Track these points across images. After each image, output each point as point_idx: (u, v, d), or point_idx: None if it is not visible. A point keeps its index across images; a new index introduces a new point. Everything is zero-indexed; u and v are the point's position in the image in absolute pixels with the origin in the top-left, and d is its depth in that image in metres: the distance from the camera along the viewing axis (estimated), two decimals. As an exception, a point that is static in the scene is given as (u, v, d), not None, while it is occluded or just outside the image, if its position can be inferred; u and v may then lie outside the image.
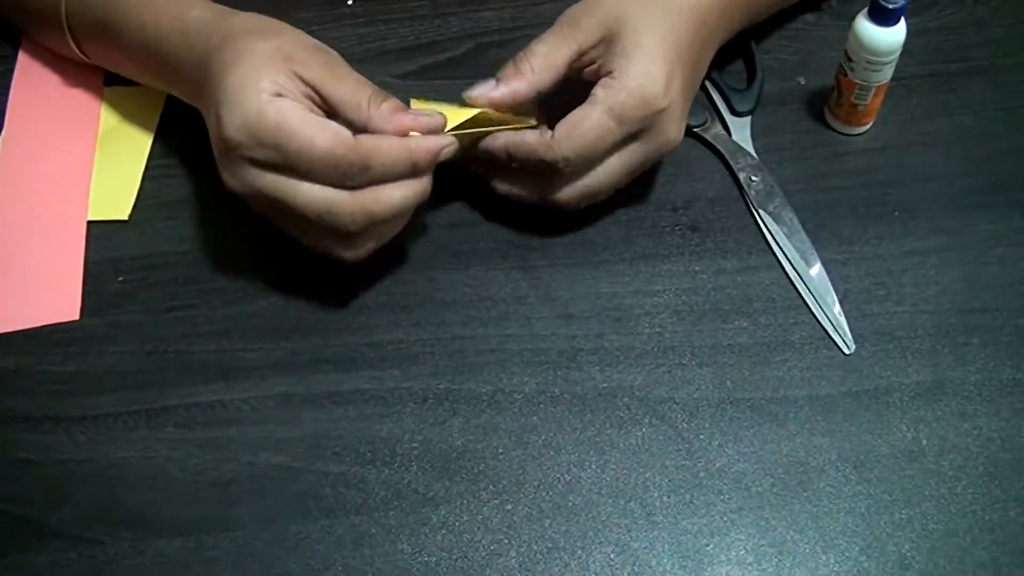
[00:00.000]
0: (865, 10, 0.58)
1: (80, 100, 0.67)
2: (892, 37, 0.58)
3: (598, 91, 0.54)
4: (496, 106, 0.55)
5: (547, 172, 0.55)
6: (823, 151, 0.63)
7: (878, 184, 0.62)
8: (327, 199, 0.51)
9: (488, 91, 0.55)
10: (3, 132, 0.66)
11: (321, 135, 0.50)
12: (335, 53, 0.55)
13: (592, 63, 0.55)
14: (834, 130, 0.64)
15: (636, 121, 0.54)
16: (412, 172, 0.52)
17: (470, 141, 0.56)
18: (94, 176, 0.64)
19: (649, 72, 0.53)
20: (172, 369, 0.57)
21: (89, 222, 0.62)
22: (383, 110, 0.52)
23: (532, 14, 0.70)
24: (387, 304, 0.58)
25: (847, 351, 0.56)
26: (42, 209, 0.63)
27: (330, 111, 0.52)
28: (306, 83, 0.52)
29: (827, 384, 0.55)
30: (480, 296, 0.58)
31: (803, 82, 0.66)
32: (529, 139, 0.55)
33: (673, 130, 0.55)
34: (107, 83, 0.67)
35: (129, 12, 0.58)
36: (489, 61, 0.68)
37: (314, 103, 0.52)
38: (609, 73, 0.54)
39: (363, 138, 0.50)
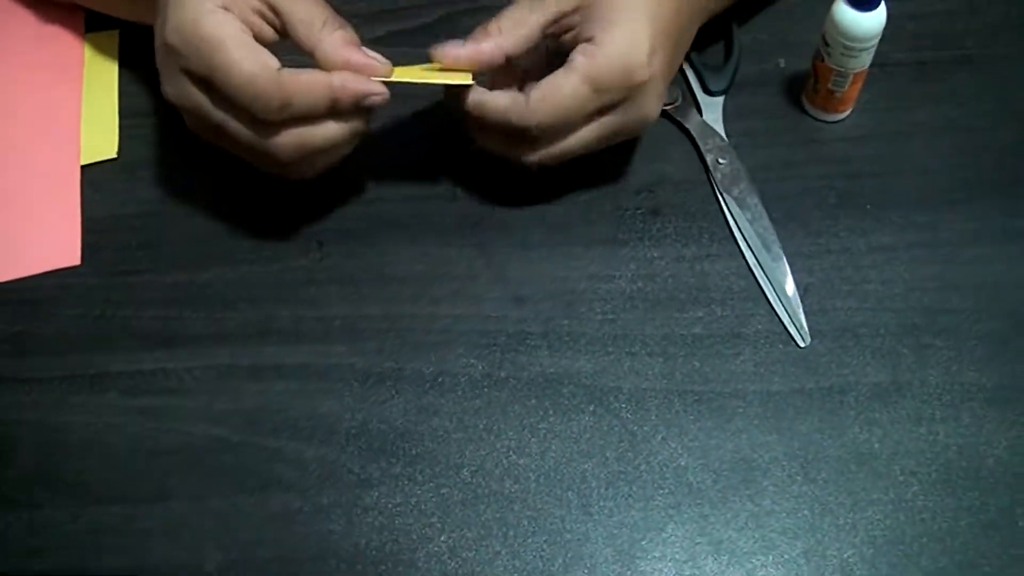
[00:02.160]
0: (843, -7, 0.55)
1: (62, 44, 0.67)
2: (870, 22, 0.55)
3: (576, 57, 0.51)
4: (460, 65, 0.52)
5: (519, 134, 0.53)
6: (797, 137, 0.61)
7: (852, 174, 0.60)
8: (255, 132, 0.50)
9: (454, 49, 0.52)
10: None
11: (248, 59, 0.48)
12: None
13: (570, 29, 0.53)
14: (811, 116, 0.62)
15: (615, 91, 0.51)
16: (333, 112, 0.50)
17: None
18: (83, 119, 0.63)
19: (632, 41, 0.51)
20: (119, 334, 0.56)
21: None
22: (335, 38, 0.50)
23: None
24: (337, 278, 0.57)
25: (802, 345, 0.54)
26: (35, 156, 0.62)
27: (283, 30, 0.51)
28: (261, 1, 0.50)
29: (779, 380, 0.53)
30: (432, 273, 0.57)
31: (783, 64, 0.64)
32: (501, 101, 0.52)
33: (651, 104, 0.53)
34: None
35: None
36: (460, 31, 0.65)
37: (265, 20, 0.51)
38: (589, 39, 0.51)
39: (286, 73, 0.49)
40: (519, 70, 0.54)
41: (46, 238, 0.59)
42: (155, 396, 0.54)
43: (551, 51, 0.54)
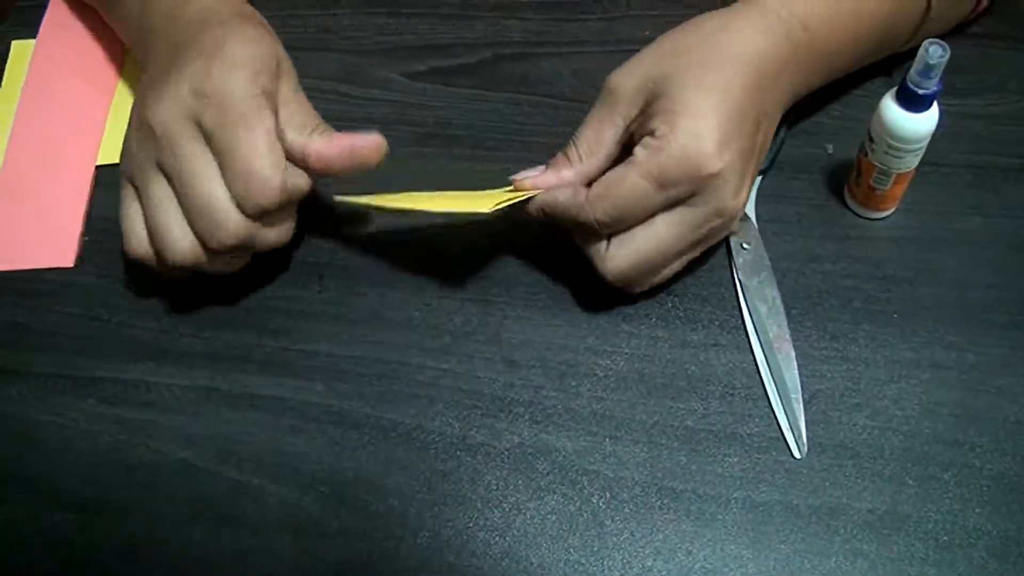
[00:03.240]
0: (893, 90, 0.52)
1: (105, 45, 0.68)
2: (919, 125, 0.51)
3: (637, 152, 0.49)
4: (542, 189, 0.52)
5: (587, 229, 0.51)
6: (832, 230, 0.58)
7: (884, 278, 0.56)
8: (219, 206, 0.49)
9: (535, 177, 0.52)
10: (28, 70, 0.66)
11: (267, 159, 0.49)
12: (295, 74, 0.54)
13: (639, 129, 0.50)
14: (851, 210, 0.58)
15: (679, 185, 0.48)
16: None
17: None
18: (108, 121, 0.64)
19: (696, 131, 0.48)
20: (109, 340, 0.56)
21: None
22: (326, 136, 0.51)
23: (558, 31, 0.66)
24: (331, 314, 0.56)
25: (797, 455, 0.51)
26: (55, 151, 0.63)
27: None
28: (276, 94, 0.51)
29: (767, 490, 0.50)
30: (428, 323, 0.56)
31: (831, 150, 0.60)
32: (561, 199, 0.51)
33: (729, 196, 0.49)
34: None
35: None
36: (502, 75, 0.65)
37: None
38: (651, 133, 0.49)
39: (288, 173, 0.50)
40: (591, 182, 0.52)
41: (45, 235, 0.60)
42: (133, 408, 0.54)
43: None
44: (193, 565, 0.49)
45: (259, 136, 0.48)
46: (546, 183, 0.51)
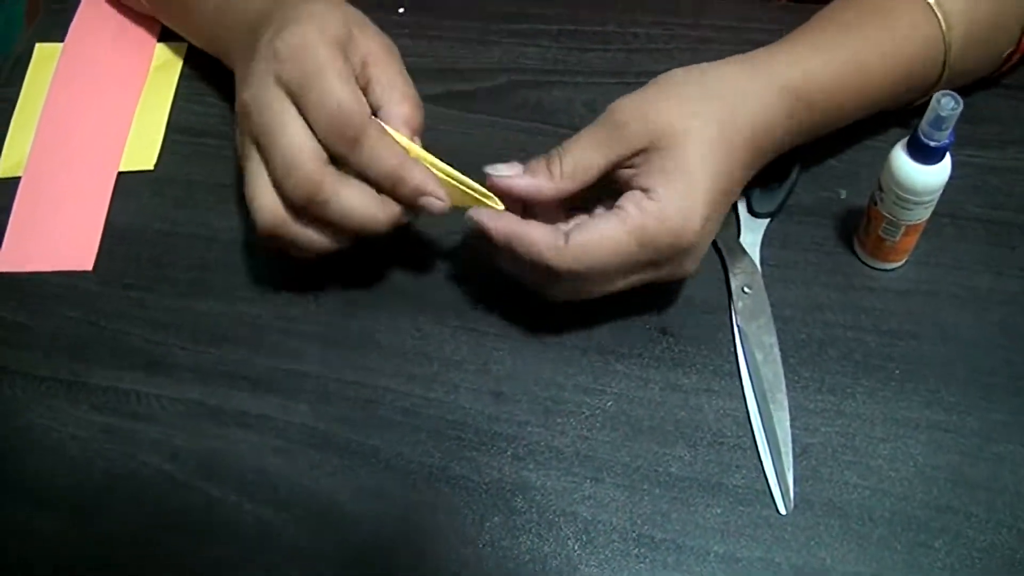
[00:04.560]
0: (904, 140, 0.50)
1: (133, 53, 0.68)
2: (929, 177, 0.50)
3: (628, 207, 0.48)
4: (513, 196, 0.50)
5: (547, 271, 0.49)
6: (837, 279, 0.56)
7: (888, 332, 0.54)
8: (299, 149, 0.48)
9: (512, 177, 0.50)
10: (54, 74, 0.67)
11: (347, 89, 0.48)
12: (396, 48, 0.54)
13: (630, 168, 0.50)
14: (859, 259, 0.57)
15: (660, 251, 0.48)
16: (389, 185, 0.49)
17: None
18: (132, 127, 0.65)
19: (690, 203, 0.47)
20: (107, 348, 0.57)
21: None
22: (401, 111, 0.51)
23: (576, 59, 0.66)
24: (323, 335, 0.56)
25: (783, 511, 0.49)
26: (79, 155, 0.64)
27: (364, 89, 0.51)
28: (361, 55, 0.51)
29: (748, 545, 0.49)
30: (419, 350, 0.55)
31: (843, 196, 0.59)
32: (536, 238, 0.49)
33: (691, 264, 0.50)
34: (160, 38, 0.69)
35: None
36: (517, 101, 0.64)
37: (355, 73, 0.51)
38: (646, 189, 0.48)
39: (376, 121, 0.49)
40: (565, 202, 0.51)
41: (66, 238, 0.60)
42: (123, 417, 0.54)
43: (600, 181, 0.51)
44: (169, 574, 0.49)
45: (331, 72, 0.48)
46: (522, 189, 0.50)
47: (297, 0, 0.51)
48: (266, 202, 0.50)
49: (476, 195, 0.51)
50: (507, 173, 0.51)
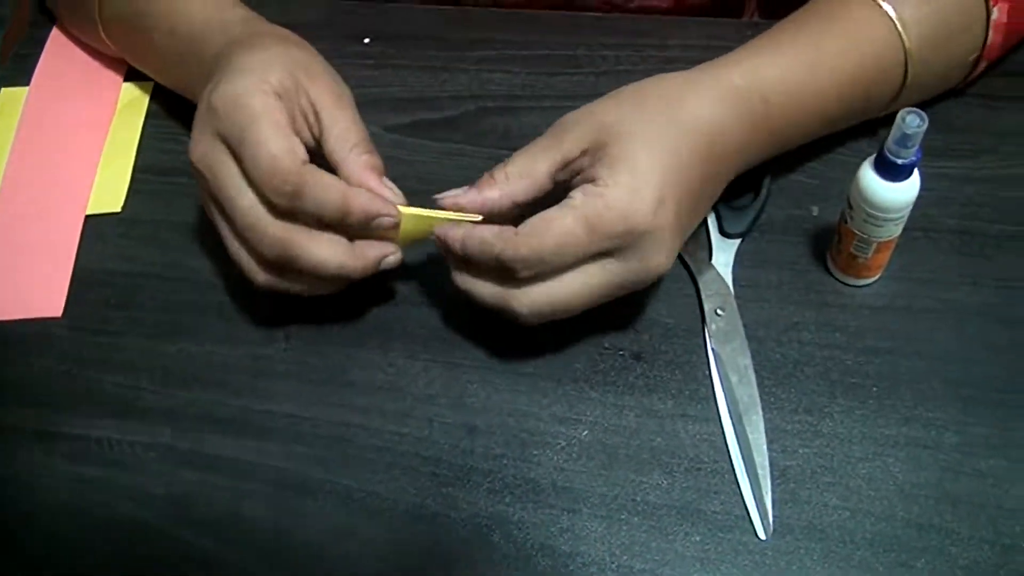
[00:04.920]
0: (872, 157, 0.50)
1: (99, 93, 0.68)
2: (898, 195, 0.49)
3: (576, 195, 0.48)
4: (465, 210, 0.50)
5: (504, 273, 0.49)
6: (811, 297, 0.56)
7: (864, 350, 0.54)
8: (255, 214, 0.49)
9: (457, 197, 0.50)
10: (20, 118, 0.67)
11: (278, 140, 0.48)
12: (348, 92, 0.54)
13: (578, 173, 0.49)
14: (833, 276, 0.56)
15: (612, 237, 0.47)
16: (341, 221, 0.49)
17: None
18: (99, 169, 0.64)
19: (637, 187, 0.47)
20: (78, 396, 0.56)
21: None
22: (362, 161, 0.51)
23: (544, 84, 0.65)
24: (295, 373, 0.55)
25: (762, 537, 0.49)
26: (46, 200, 0.63)
27: (319, 138, 0.52)
28: (310, 101, 0.51)
29: (729, 572, 0.48)
30: (392, 386, 0.55)
31: (816, 213, 0.58)
32: (487, 233, 0.49)
33: (659, 257, 0.48)
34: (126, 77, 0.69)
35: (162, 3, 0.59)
36: (485, 128, 0.64)
37: (307, 123, 0.52)
38: (593, 180, 0.48)
39: (310, 166, 0.49)
40: (516, 208, 0.51)
41: (34, 285, 0.60)
42: (94, 466, 0.54)
43: (557, 190, 0.50)
44: (139, 630, 0.49)
45: (264, 123, 0.48)
46: (468, 201, 0.50)
47: (245, 47, 0.51)
48: (251, 266, 0.51)
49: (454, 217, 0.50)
50: (453, 196, 0.50)
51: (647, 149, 0.48)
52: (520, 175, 0.50)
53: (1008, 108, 0.62)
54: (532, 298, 0.49)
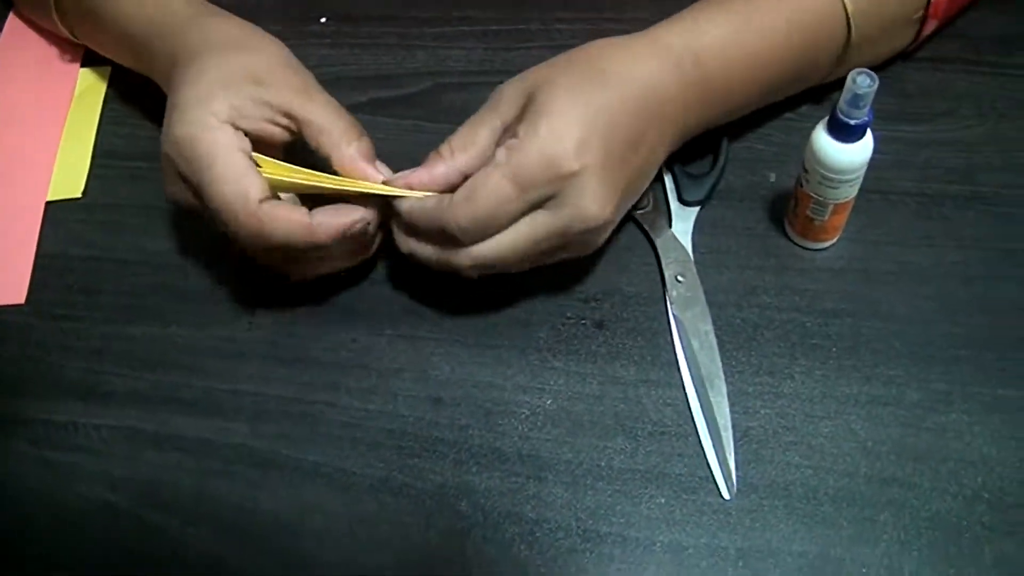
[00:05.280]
0: (825, 120, 0.50)
1: (56, 79, 0.68)
2: (851, 156, 0.50)
3: (499, 152, 0.48)
4: (415, 189, 0.50)
5: (449, 239, 0.50)
6: (770, 262, 0.56)
7: (823, 312, 0.54)
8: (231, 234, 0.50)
9: (407, 177, 0.50)
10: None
11: (231, 186, 0.48)
12: (309, 74, 0.53)
13: (513, 136, 0.50)
14: (791, 240, 0.57)
15: (538, 185, 0.47)
16: (306, 249, 0.50)
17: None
18: (58, 155, 0.64)
19: (555, 131, 0.47)
20: (42, 381, 0.56)
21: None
22: (351, 151, 0.51)
23: (501, 59, 0.65)
24: (262, 353, 0.55)
25: (727, 496, 0.49)
26: (5, 188, 0.63)
27: (298, 132, 0.52)
28: (274, 108, 0.51)
29: (694, 532, 0.49)
30: (355, 362, 0.55)
31: (773, 179, 0.59)
32: (428, 203, 0.50)
33: (588, 202, 0.48)
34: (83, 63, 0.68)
35: None
36: (444, 104, 0.64)
37: (278, 125, 0.52)
38: (514, 135, 0.49)
39: (267, 206, 0.49)
40: (466, 179, 0.50)
41: (-4, 272, 0.60)
42: (60, 451, 0.53)
43: None
44: (109, 610, 0.49)
45: (217, 167, 0.48)
46: (418, 179, 0.50)
47: (191, 70, 0.51)
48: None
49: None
50: (403, 176, 0.51)
51: (570, 97, 0.48)
52: (464, 147, 0.50)
53: (961, 72, 0.62)
54: (473, 256, 0.50)
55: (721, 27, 0.53)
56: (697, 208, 0.57)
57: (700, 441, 0.51)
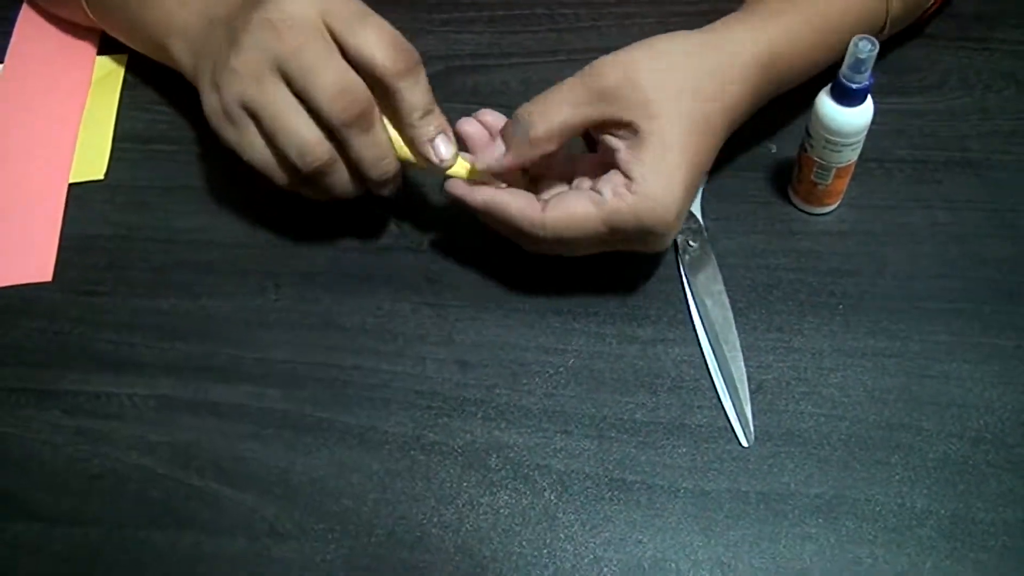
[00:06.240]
0: (828, 86, 0.53)
1: (73, 67, 0.69)
2: (854, 119, 0.53)
3: (606, 192, 0.50)
4: (495, 172, 0.53)
5: (523, 236, 0.52)
6: (776, 227, 0.59)
7: (828, 271, 0.57)
8: (301, 138, 0.50)
9: (490, 163, 0.52)
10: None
11: (342, 71, 0.50)
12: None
13: (614, 137, 0.51)
14: (795, 206, 0.59)
15: (629, 236, 0.51)
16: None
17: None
18: (79, 139, 0.65)
19: (664, 202, 0.49)
20: (73, 353, 0.57)
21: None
22: (430, 132, 0.53)
23: (510, 42, 0.68)
24: (287, 321, 0.57)
25: (745, 444, 0.52)
26: (27, 168, 0.64)
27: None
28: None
29: (715, 478, 0.51)
30: (382, 328, 0.57)
31: (774, 150, 0.62)
32: (513, 204, 0.51)
33: (665, 244, 0.53)
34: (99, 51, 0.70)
35: None
36: (455, 87, 0.66)
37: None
38: (627, 175, 0.49)
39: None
40: None
41: (23, 252, 0.61)
42: (95, 419, 0.55)
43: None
44: (152, 569, 0.50)
45: (333, 46, 0.50)
46: (501, 166, 0.52)
47: None
48: (276, 171, 0.52)
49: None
50: (490, 155, 0.52)
51: (682, 143, 0.49)
52: (550, 136, 0.51)
53: (949, 48, 0.66)
54: (544, 252, 0.54)
55: (794, 34, 0.54)
56: (705, 177, 0.60)
57: (717, 394, 0.53)
